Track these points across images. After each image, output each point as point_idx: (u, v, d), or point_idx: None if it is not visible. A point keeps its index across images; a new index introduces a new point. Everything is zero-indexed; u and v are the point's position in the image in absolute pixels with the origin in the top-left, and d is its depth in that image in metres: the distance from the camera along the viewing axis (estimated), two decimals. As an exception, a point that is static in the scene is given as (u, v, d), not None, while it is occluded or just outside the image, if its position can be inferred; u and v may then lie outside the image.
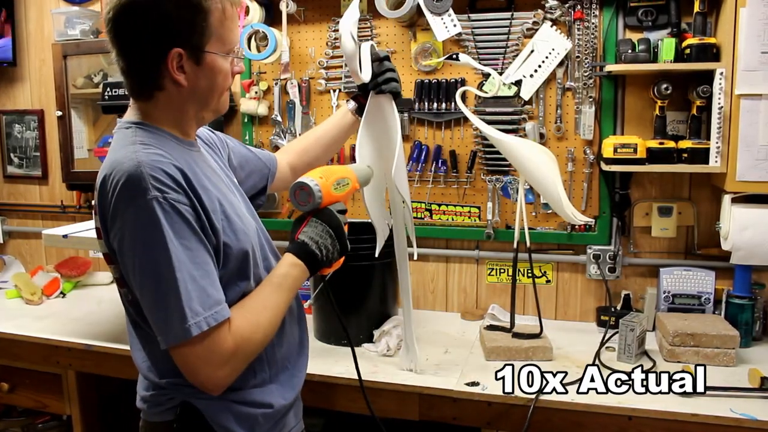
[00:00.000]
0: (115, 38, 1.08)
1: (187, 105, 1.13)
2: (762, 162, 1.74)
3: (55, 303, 2.42)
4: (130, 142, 1.07)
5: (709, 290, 1.94)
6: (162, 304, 1.00)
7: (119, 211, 1.01)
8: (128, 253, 1.02)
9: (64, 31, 2.51)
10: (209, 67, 1.11)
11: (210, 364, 1.02)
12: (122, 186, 1.00)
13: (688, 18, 1.88)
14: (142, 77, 1.10)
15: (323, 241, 1.18)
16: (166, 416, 1.15)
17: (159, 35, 1.05)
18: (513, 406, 1.56)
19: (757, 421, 1.41)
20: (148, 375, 1.18)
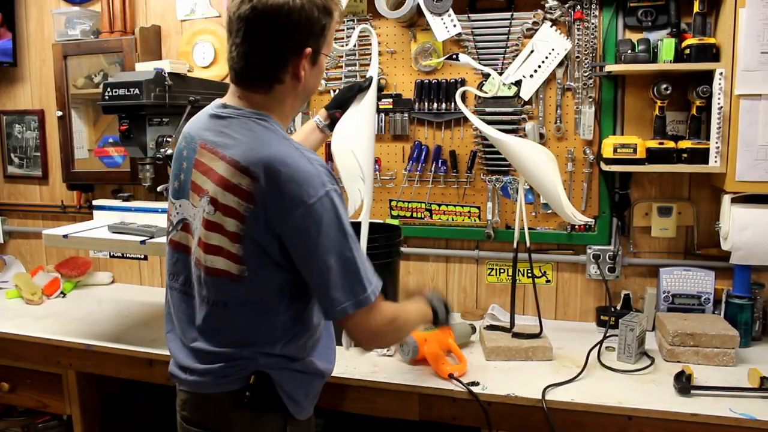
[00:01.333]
0: (252, 32, 1.16)
1: (297, 99, 1.27)
2: (761, 162, 1.75)
3: (55, 303, 2.43)
4: (282, 137, 1.19)
5: (709, 290, 1.94)
6: (350, 278, 1.16)
7: (301, 202, 1.12)
8: (313, 239, 1.13)
9: (64, 31, 2.51)
10: (319, 67, 1.25)
11: (380, 321, 1.21)
12: (304, 181, 1.12)
13: (687, 18, 1.88)
14: (269, 71, 1.19)
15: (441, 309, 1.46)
16: (231, 386, 1.23)
17: (300, 35, 1.17)
18: (513, 406, 1.56)
19: (756, 420, 1.41)
20: (216, 349, 1.23)
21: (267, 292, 1.20)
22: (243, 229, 1.16)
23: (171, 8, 2.45)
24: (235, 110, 1.23)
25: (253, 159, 1.14)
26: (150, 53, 2.41)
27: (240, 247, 1.17)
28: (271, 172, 1.12)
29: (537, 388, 1.56)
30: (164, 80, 2.01)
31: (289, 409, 1.25)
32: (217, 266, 1.20)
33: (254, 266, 1.18)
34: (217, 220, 1.18)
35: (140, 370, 1.91)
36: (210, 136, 1.23)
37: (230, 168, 1.16)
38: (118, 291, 2.59)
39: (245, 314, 1.22)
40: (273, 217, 1.14)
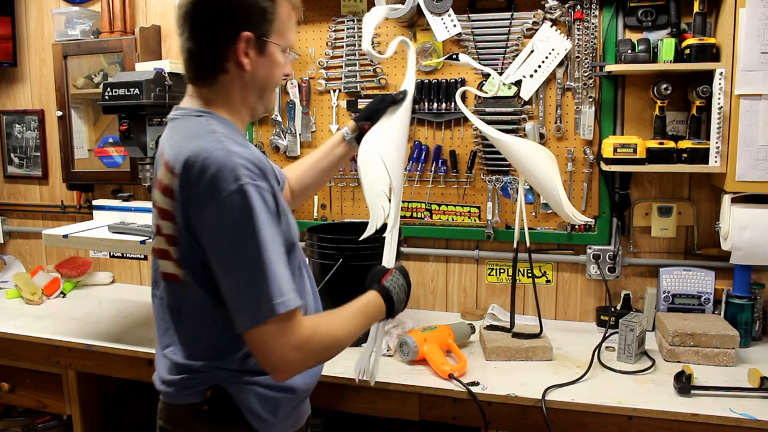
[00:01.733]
0: (190, 19, 1.15)
1: (246, 91, 1.20)
2: (761, 162, 1.74)
3: (55, 303, 2.43)
4: (209, 131, 1.12)
5: (709, 290, 1.94)
6: (253, 284, 1.05)
7: (211, 197, 1.05)
8: (219, 238, 1.06)
9: (64, 31, 2.51)
10: (270, 58, 1.19)
11: (286, 345, 1.07)
12: (215, 174, 1.05)
13: (687, 18, 1.88)
14: (209, 59, 1.17)
15: (399, 294, 1.34)
16: (193, 399, 1.20)
17: (235, 18, 1.13)
18: (513, 406, 1.56)
19: (756, 420, 1.41)
20: (179, 360, 1.21)
21: (211, 297, 1.13)
22: (174, 229, 1.13)
23: (171, 8, 2.45)
24: (181, 111, 1.21)
25: (176, 155, 1.11)
26: (150, 53, 2.42)
27: (176, 250, 1.14)
28: (187, 168, 1.08)
29: (537, 388, 1.56)
30: (164, 80, 2.01)
31: (255, 426, 1.20)
32: (167, 270, 1.18)
33: (191, 269, 1.13)
34: (159, 223, 1.17)
35: (140, 370, 1.91)
36: (164, 141, 1.21)
37: (164, 169, 1.14)
38: (118, 291, 2.59)
39: (198, 323, 1.17)
40: (190, 215, 1.09)
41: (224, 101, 1.20)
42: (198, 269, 1.13)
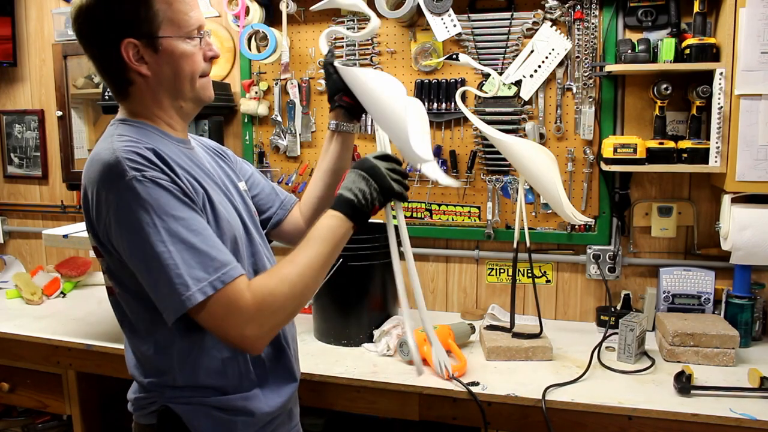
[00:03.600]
0: (81, 42, 1.12)
1: (159, 95, 1.13)
2: (762, 162, 1.74)
3: (55, 303, 2.43)
4: (108, 135, 1.09)
5: (709, 290, 1.94)
6: (163, 279, 0.98)
7: (102, 199, 1.02)
8: (119, 238, 1.02)
9: (64, 31, 2.51)
10: (168, 53, 1.10)
11: (233, 324, 0.99)
12: (100, 175, 1.01)
13: (687, 18, 1.88)
14: (112, 76, 1.13)
15: (356, 186, 1.11)
16: (150, 419, 1.16)
17: (108, 30, 1.08)
18: (513, 406, 1.56)
19: (756, 420, 1.41)
20: (133, 374, 1.18)
21: (142, 308, 1.08)
22: (92, 239, 1.11)
23: (171, 8, 2.45)
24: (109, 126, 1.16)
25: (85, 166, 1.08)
26: (150, 53, 2.41)
27: (101, 261, 1.12)
28: (85, 175, 1.06)
29: (537, 388, 1.56)
30: (164, 80, 2.01)
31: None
32: (107, 284, 1.16)
33: (116, 277, 1.10)
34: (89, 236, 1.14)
35: (140, 370, 1.91)
36: None
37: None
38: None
39: (135, 334, 1.12)
40: (91, 220, 1.07)
41: (142, 109, 1.14)
42: (119, 277, 1.09)
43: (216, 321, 0.99)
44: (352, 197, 1.10)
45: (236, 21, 2.23)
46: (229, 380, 1.13)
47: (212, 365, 1.11)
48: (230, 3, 2.22)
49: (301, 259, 1.06)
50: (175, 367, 1.10)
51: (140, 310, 1.10)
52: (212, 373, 1.11)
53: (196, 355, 1.10)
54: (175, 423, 1.11)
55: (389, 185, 1.13)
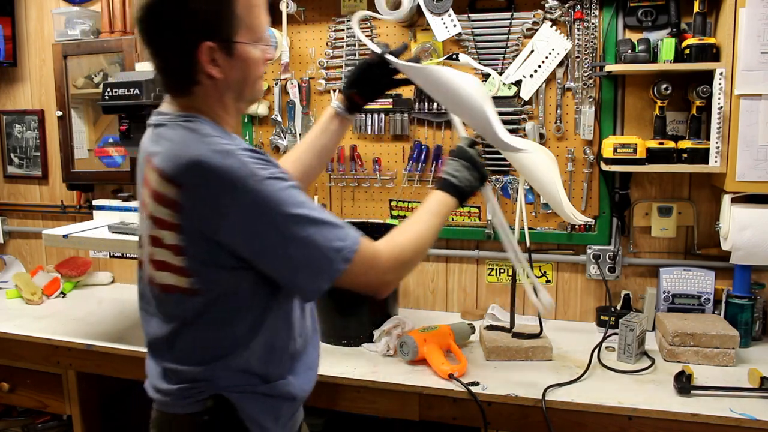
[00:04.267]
0: (146, 39, 1.10)
1: (224, 97, 1.16)
2: (762, 162, 1.74)
3: (55, 303, 2.43)
4: (201, 136, 1.09)
5: (709, 290, 1.94)
6: (307, 262, 1.08)
7: (233, 201, 1.04)
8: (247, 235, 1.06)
9: (64, 31, 2.51)
10: (242, 58, 1.12)
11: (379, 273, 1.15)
12: (225, 177, 1.03)
13: (687, 18, 1.88)
14: (178, 74, 1.13)
15: (459, 173, 1.31)
16: (192, 408, 1.17)
17: (188, 31, 1.07)
18: (513, 406, 1.56)
19: (756, 420, 1.41)
20: (176, 367, 1.18)
21: (224, 303, 1.13)
22: (181, 240, 1.09)
23: (171, 8, 2.45)
24: (164, 116, 1.16)
25: (174, 166, 1.07)
26: (150, 53, 2.41)
27: (184, 259, 1.10)
28: (194, 178, 1.05)
29: (537, 388, 1.56)
30: (164, 80, 2.01)
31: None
32: (166, 282, 1.14)
33: (203, 276, 1.11)
34: (156, 234, 1.12)
35: (140, 370, 1.88)
36: (149, 146, 1.16)
37: (158, 178, 1.09)
38: (118, 291, 2.59)
39: (203, 330, 1.15)
40: (205, 222, 1.07)
41: (204, 109, 1.15)
42: (215, 274, 1.11)
43: (359, 278, 1.13)
44: (456, 182, 1.30)
45: (236, 21, 2.23)
46: (272, 369, 1.20)
47: (262, 356, 1.18)
48: (230, 3, 2.22)
49: (420, 225, 1.25)
50: (235, 356, 1.15)
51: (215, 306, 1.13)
52: (260, 362, 1.18)
53: (253, 346, 1.16)
54: (227, 409, 1.16)
55: (485, 173, 1.35)
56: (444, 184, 1.30)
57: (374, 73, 1.43)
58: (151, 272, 1.17)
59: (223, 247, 1.08)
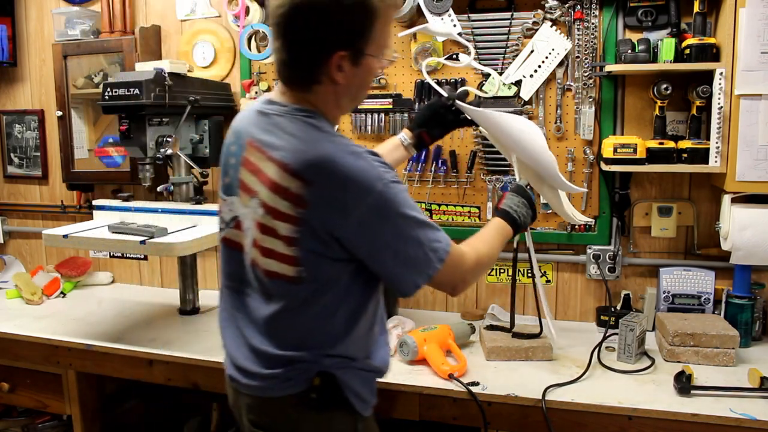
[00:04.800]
0: (284, 31, 1.14)
1: (341, 100, 1.22)
2: (762, 162, 1.74)
3: (55, 303, 2.43)
4: (329, 134, 1.16)
5: (709, 290, 1.94)
6: (413, 260, 1.17)
7: (362, 200, 1.11)
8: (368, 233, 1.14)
9: (64, 31, 2.51)
10: (365, 69, 1.18)
11: (464, 272, 1.26)
12: (356, 177, 1.10)
13: (687, 18, 1.88)
14: (303, 72, 1.17)
15: (519, 209, 1.44)
16: (295, 389, 1.22)
17: (327, 38, 1.12)
18: (513, 406, 1.56)
19: (756, 420, 1.41)
20: (277, 352, 1.22)
21: (325, 291, 1.19)
22: (297, 232, 1.14)
23: (171, 8, 2.45)
24: (280, 107, 1.21)
25: (301, 161, 1.12)
26: (150, 53, 2.42)
27: (295, 249, 1.15)
28: (323, 175, 1.11)
29: (537, 388, 1.56)
30: (164, 80, 2.01)
31: (356, 407, 1.26)
32: (272, 269, 1.19)
33: (311, 267, 1.17)
34: (268, 223, 1.17)
35: (140, 370, 1.91)
36: (258, 133, 1.21)
37: (279, 171, 1.14)
38: (118, 291, 2.59)
39: (305, 315, 1.21)
40: (329, 218, 1.12)
41: (320, 106, 1.21)
42: (322, 266, 1.17)
43: (446, 277, 1.22)
44: (516, 217, 1.44)
45: (236, 21, 2.23)
46: (365, 349, 1.29)
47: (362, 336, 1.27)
48: (230, 3, 2.22)
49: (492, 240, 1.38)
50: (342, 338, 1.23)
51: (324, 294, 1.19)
52: (359, 342, 1.27)
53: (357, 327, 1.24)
54: (333, 385, 1.23)
55: (535, 215, 1.50)
56: (507, 216, 1.43)
57: (441, 115, 1.58)
58: (256, 256, 1.21)
59: (338, 242, 1.15)
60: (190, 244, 1.91)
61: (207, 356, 1.82)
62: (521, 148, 1.51)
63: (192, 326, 2.11)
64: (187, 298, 2.27)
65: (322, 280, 1.18)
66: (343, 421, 1.26)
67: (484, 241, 1.35)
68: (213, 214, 2.08)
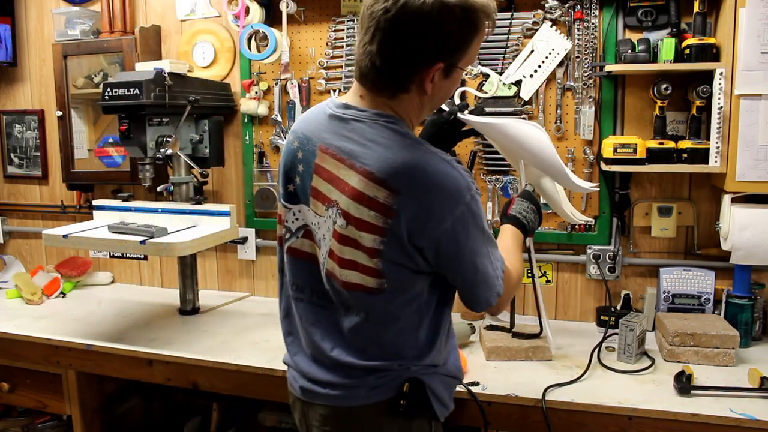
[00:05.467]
0: (383, 36, 1.09)
1: (423, 110, 1.21)
2: (761, 162, 1.74)
3: (55, 303, 2.43)
4: (415, 141, 1.14)
5: (709, 290, 1.94)
6: (488, 274, 1.18)
7: (451, 210, 1.10)
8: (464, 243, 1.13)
9: (64, 31, 2.51)
10: (453, 80, 1.17)
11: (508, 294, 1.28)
12: (451, 188, 1.09)
13: (687, 18, 1.88)
14: (396, 78, 1.13)
15: (529, 215, 1.43)
16: (382, 396, 1.22)
17: (432, 48, 1.09)
18: (513, 406, 1.56)
19: (756, 420, 1.41)
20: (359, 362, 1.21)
21: (406, 304, 1.18)
22: (382, 242, 1.11)
23: (171, 8, 2.45)
24: (358, 112, 1.16)
25: (389, 169, 1.08)
26: (150, 53, 2.42)
27: (378, 261, 1.12)
28: (412, 183, 1.07)
29: (537, 388, 1.56)
30: (164, 80, 2.01)
31: (437, 411, 1.27)
32: (352, 280, 1.16)
33: (393, 278, 1.14)
34: (350, 234, 1.13)
35: (140, 370, 1.91)
36: (333, 139, 1.15)
37: (363, 179, 1.09)
38: (118, 291, 2.59)
39: (389, 328, 1.19)
40: (416, 228, 1.09)
41: (402, 113, 1.17)
42: (404, 277, 1.15)
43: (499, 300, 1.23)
44: (526, 223, 1.43)
45: (236, 21, 2.23)
46: (443, 356, 1.30)
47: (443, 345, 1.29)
48: (230, 3, 2.22)
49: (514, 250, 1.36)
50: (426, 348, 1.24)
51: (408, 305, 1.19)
52: (441, 350, 1.28)
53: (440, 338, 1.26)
54: (420, 389, 1.24)
55: (541, 220, 1.49)
56: (518, 223, 1.43)
57: (446, 131, 1.50)
58: (332, 267, 1.18)
59: (421, 252, 1.13)
60: (190, 244, 1.91)
61: (207, 356, 1.82)
62: (531, 155, 1.49)
63: (192, 326, 2.11)
64: (187, 298, 2.27)
65: (402, 292, 1.17)
66: (420, 426, 1.27)
67: (510, 253, 1.33)
68: (213, 214, 2.09)
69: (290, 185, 1.25)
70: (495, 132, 1.49)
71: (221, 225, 2.07)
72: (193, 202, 2.16)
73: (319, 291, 1.23)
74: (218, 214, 2.08)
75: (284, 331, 1.35)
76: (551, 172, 1.49)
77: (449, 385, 1.33)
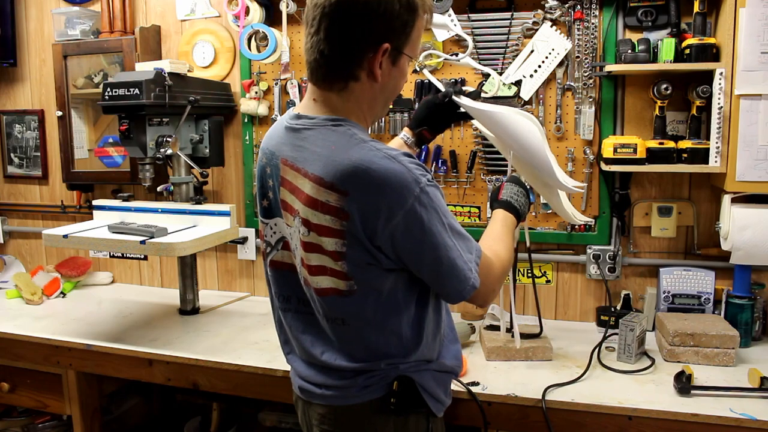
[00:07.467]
0: (329, 20, 1.11)
1: (375, 102, 1.21)
2: (761, 162, 1.74)
3: (55, 303, 2.43)
4: (359, 140, 1.12)
5: (709, 290, 1.94)
6: (452, 269, 1.14)
7: (400, 205, 1.08)
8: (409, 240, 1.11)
9: (64, 31, 2.51)
10: (400, 69, 1.18)
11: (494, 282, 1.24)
12: (393, 182, 1.07)
13: (687, 18, 1.88)
14: (343, 65, 1.14)
15: (519, 198, 1.44)
16: (374, 395, 1.23)
17: (378, 28, 1.11)
18: (513, 406, 1.56)
19: (756, 420, 1.41)
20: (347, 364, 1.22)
21: (381, 301, 1.18)
22: (343, 245, 1.12)
23: (171, 8, 2.45)
24: (308, 120, 1.18)
25: (336, 172, 1.09)
26: (150, 53, 2.42)
27: (343, 264, 1.14)
28: (358, 183, 1.08)
29: (537, 388, 1.56)
30: (164, 80, 2.01)
31: (431, 407, 1.27)
32: (324, 285, 1.17)
33: (361, 278, 1.15)
34: (313, 240, 1.15)
35: (140, 370, 1.91)
36: (289, 151, 1.19)
37: (315, 186, 1.11)
38: (118, 291, 2.59)
39: (368, 327, 1.20)
40: (370, 227, 1.10)
41: (353, 109, 1.18)
42: (373, 277, 1.15)
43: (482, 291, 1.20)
44: (517, 206, 1.42)
45: (236, 21, 2.23)
46: (434, 351, 1.29)
47: (431, 341, 1.28)
48: (230, 3, 2.22)
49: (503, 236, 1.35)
50: (412, 345, 1.24)
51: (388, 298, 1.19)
52: (430, 346, 1.27)
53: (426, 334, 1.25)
54: (410, 386, 1.25)
55: (530, 205, 1.51)
56: (509, 207, 1.42)
57: (441, 111, 1.54)
58: (307, 276, 1.20)
59: (382, 250, 1.13)
60: (190, 244, 1.91)
61: (207, 356, 1.82)
62: (518, 144, 1.48)
63: (192, 326, 2.11)
64: (187, 298, 2.27)
65: (374, 291, 1.17)
66: (417, 422, 1.27)
67: (498, 240, 1.32)
68: (213, 214, 2.09)
69: (264, 200, 1.28)
70: (486, 118, 1.49)
71: (221, 225, 2.07)
72: (193, 202, 2.16)
73: (303, 299, 1.26)
74: (218, 214, 2.08)
75: (280, 339, 1.40)
76: (536, 163, 1.48)
77: (443, 381, 1.32)
